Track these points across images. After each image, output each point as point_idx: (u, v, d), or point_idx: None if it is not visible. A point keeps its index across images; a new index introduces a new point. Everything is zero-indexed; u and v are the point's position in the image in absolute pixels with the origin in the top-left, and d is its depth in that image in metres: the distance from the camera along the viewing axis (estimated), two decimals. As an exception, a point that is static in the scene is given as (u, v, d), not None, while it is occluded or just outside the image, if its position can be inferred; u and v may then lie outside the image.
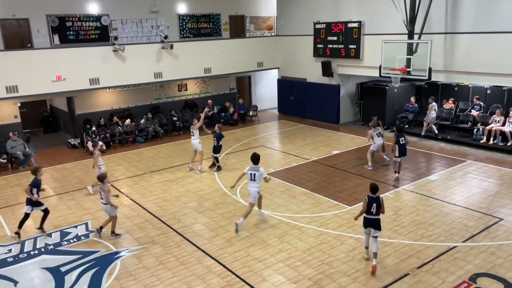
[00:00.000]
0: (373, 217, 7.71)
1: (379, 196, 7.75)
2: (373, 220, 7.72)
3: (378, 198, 7.71)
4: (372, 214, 7.69)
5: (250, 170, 9.28)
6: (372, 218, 7.72)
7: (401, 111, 17.77)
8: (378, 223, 7.73)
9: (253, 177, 9.25)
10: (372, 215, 7.70)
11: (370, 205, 7.66)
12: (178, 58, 17.67)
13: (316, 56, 19.11)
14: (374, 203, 7.65)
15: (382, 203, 7.73)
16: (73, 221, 10.27)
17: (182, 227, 9.72)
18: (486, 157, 13.83)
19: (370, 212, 7.69)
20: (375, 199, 7.68)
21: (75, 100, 17.18)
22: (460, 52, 14.22)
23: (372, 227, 7.74)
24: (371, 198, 7.70)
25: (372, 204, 7.65)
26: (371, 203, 7.66)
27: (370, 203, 7.66)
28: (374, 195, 7.71)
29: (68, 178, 13.38)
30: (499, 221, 9.39)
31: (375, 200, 7.68)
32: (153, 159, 15.07)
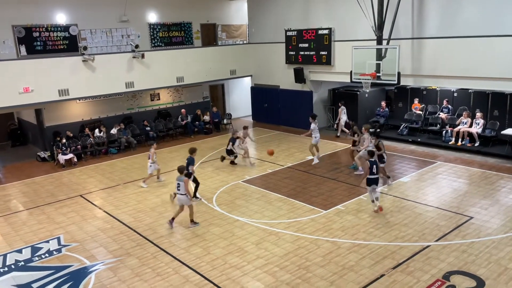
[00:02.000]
0: (375, 176, 10.08)
1: (375, 160, 10.22)
2: (375, 178, 10.12)
3: (376, 161, 10.18)
4: (374, 174, 10.04)
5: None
6: (374, 177, 10.08)
7: (372, 115, 18.14)
8: (378, 180, 10.30)
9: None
10: (374, 175, 10.05)
11: (371, 167, 9.97)
12: (149, 67, 17.52)
13: (288, 63, 19.32)
14: (374, 165, 10.01)
15: (378, 163, 10.31)
16: (44, 236, 9.96)
17: (158, 238, 9.57)
18: (455, 157, 14.25)
19: (372, 173, 10.01)
20: (374, 162, 10.07)
21: (44, 112, 16.74)
22: (427, 56, 14.66)
23: (375, 184, 10.15)
24: (371, 162, 10.06)
25: (373, 166, 9.99)
26: (372, 165, 9.99)
27: (371, 166, 9.98)
28: (372, 159, 10.11)
29: (38, 192, 12.99)
30: (469, 219, 9.67)
31: (374, 163, 10.06)
32: (127, 170, 14.82)
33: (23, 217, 11.18)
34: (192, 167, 11.39)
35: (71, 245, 9.44)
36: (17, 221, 10.95)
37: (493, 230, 9.08)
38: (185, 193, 9.77)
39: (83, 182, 13.68)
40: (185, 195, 9.80)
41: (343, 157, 14.97)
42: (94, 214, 11.11)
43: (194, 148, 11.76)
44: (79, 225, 10.45)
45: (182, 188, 9.74)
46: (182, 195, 9.82)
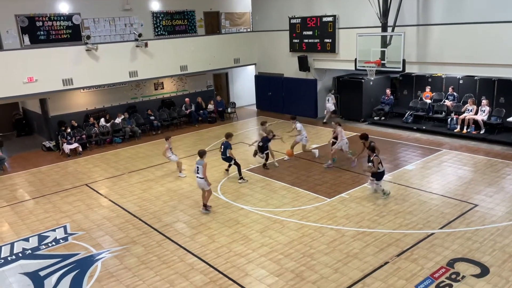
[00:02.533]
0: (382, 169, 10.31)
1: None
2: (382, 172, 10.39)
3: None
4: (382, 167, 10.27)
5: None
6: (382, 170, 10.33)
7: (377, 103, 18.04)
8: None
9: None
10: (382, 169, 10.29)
11: (380, 162, 10.11)
12: (153, 56, 17.46)
13: (292, 51, 19.19)
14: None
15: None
16: (51, 225, 10.06)
17: (163, 226, 9.64)
18: (460, 145, 14.18)
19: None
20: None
21: (49, 102, 16.78)
22: (433, 43, 14.51)
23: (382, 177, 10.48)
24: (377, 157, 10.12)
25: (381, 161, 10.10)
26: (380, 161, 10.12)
27: (380, 161, 10.14)
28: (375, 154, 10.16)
29: (44, 182, 13.08)
30: (474, 207, 9.65)
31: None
32: (131, 159, 14.88)
33: (29, 206, 11.29)
34: (230, 150, 11.88)
35: (77, 234, 9.53)
36: (24, 210, 11.05)
37: (498, 218, 9.07)
38: (204, 177, 9.89)
39: (88, 171, 13.76)
40: (203, 179, 9.93)
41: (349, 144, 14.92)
42: (100, 203, 11.19)
43: (230, 133, 12.28)
44: (85, 214, 10.54)
45: (201, 171, 9.90)
46: (201, 179, 9.98)
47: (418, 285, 6.99)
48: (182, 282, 7.48)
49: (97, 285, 7.55)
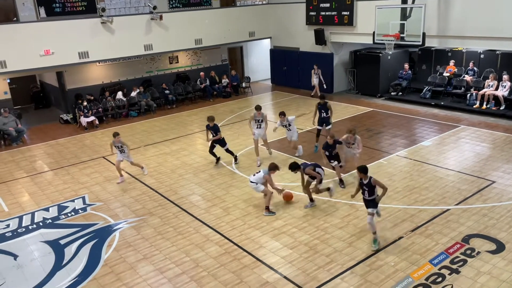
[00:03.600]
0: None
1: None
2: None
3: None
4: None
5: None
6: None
7: (394, 78, 17.71)
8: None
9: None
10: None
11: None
12: (168, 30, 17.34)
13: (308, 24, 18.82)
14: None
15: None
16: (70, 196, 10.30)
17: (179, 199, 9.78)
18: (479, 121, 13.91)
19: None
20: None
21: (65, 75, 16.90)
22: (455, 16, 14.04)
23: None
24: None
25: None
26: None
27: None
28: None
29: (62, 154, 13.32)
30: (491, 183, 9.53)
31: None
32: (147, 132, 15.00)
33: (48, 177, 11.54)
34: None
35: (95, 204, 9.75)
36: (43, 181, 11.32)
37: (515, 195, 8.96)
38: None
39: (105, 144, 13.93)
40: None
41: (363, 120, 14.79)
42: (117, 175, 11.33)
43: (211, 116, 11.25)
44: (102, 186, 10.74)
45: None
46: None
47: (432, 259, 7.00)
48: (198, 252, 7.64)
49: (115, 254, 7.76)
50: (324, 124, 11.85)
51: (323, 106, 11.65)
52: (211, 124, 11.13)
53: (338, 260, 7.18)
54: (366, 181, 7.38)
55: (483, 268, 6.74)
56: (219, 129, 11.29)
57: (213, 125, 11.15)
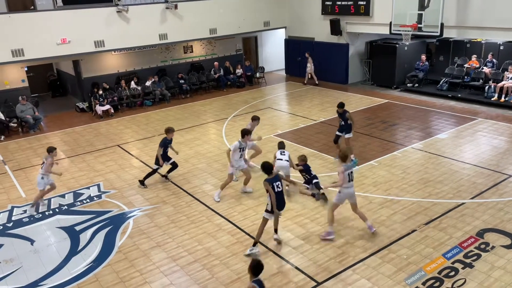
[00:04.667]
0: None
1: None
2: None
3: None
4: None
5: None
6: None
7: (411, 69, 17.44)
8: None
9: None
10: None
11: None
12: (182, 19, 17.32)
13: (324, 14, 18.61)
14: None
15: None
16: (85, 183, 10.46)
17: (192, 188, 9.85)
18: (497, 114, 13.64)
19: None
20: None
21: (81, 64, 17.07)
22: (474, 6, 13.72)
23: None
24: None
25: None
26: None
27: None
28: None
29: (78, 141, 13.51)
30: (508, 177, 9.38)
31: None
32: (161, 122, 15.09)
33: (64, 164, 11.72)
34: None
35: (110, 192, 9.88)
36: (60, 168, 11.43)
37: (533, 190, 8.80)
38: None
39: (120, 133, 14.08)
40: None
41: (378, 111, 14.63)
42: (131, 163, 11.50)
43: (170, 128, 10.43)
44: (117, 174, 10.88)
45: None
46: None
47: (446, 253, 6.95)
48: (210, 241, 7.71)
49: (129, 240, 7.88)
50: (343, 132, 10.85)
51: (341, 115, 10.72)
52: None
53: (350, 252, 7.17)
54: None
55: (497, 263, 6.66)
56: None
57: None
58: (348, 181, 7.32)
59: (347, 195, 7.49)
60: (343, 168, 7.27)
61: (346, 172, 7.26)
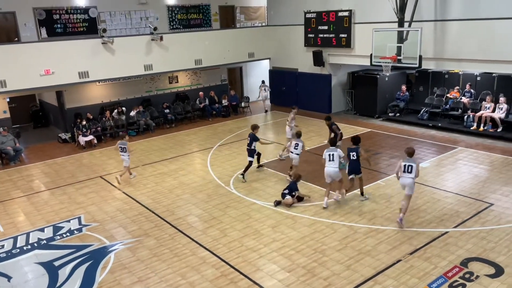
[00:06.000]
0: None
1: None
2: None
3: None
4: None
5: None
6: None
7: (392, 99, 17.83)
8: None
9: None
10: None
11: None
12: (168, 50, 17.52)
13: (307, 46, 19.06)
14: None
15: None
16: (65, 216, 10.22)
17: (175, 219, 9.71)
18: (476, 143, 13.94)
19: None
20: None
21: (65, 94, 17.00)
22: (450, 39, 14.25)
23: None
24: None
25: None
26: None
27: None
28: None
29: (59, 173, 13.28)
30: (489, 206, 9.50)
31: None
32: (146, 152, 15.00)
33: (45, 196, 11.48)
34: (255, 143, 11.88)
35: (91, 225, 9.67)
36: (40, 200, 11.25)
37: (514, 218, 8.92)
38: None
39: (103, 164, 13.92)
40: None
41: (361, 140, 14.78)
42: (114, 195, 11.32)
43: (255, 124, 12.27)
44: (99, 206, 10.68)
45: (413, 171, 8.57)
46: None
47: (431, 284, 6.92)
48: (194, 275, 7.54)
49: (110, 276, 7.66)
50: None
51: (329, 127, 12.37)
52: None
53: (336, 284, 7.08)
54: None
55: (482, 292, 6.66)
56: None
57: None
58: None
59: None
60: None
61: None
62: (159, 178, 12.35)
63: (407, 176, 8.60)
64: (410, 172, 8.57)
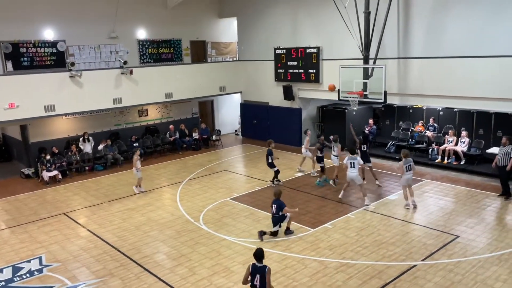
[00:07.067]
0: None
1: (264, 266, 6.53)
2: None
3: (264, 268, 6.50)
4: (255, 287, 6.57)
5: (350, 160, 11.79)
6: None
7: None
8: None
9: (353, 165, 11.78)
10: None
11: (253, 275, 6.54)
12: (138, 84, 17.45)
13: (277, 81, 19.44)
14: (257, 274, 6.50)
15: (268, 274, 6.47)
16: (26, 256, 9.72)
17: (142, 258, 9.39)
18: (441, 176, 14.34)
19: (253, 285, 6.57)
20: (259, 269, 6.49)
21: (29, 128, 16.52)
22: (413, 75, 14.87)
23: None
24: (254, 268, 6.53)
25: (255, 275, 6.51)
26: (254, 273, 6.52)
27: (253, 274, 6.54)
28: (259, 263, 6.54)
29: (21, 210, 12.71)
30: (455, 238, 9.68)
31: (258, 270, 6.50)
32: (113, 187, 14.62)
33: (4, 235, 10.91)
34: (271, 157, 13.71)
35: (52, 265, 9.21)
36: (-2, 240, 10.68)
37: (479, 249, 9.10)
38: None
39: (67, 200, 13.44)
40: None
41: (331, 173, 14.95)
42: (78, 233, 10.89)
43: (270, 140, 14.12)
44: (61, 245, 10.22)
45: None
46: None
47: (401, 319, 6.88)
48: (160, 317, 7.24)
49: (70, 320, 7.25)
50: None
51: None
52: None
53: (307, 322, 6.94)
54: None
55: (451, 327, 6.66)
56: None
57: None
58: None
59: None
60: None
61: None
62: (126, 214, 12.00)
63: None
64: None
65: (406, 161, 11.45)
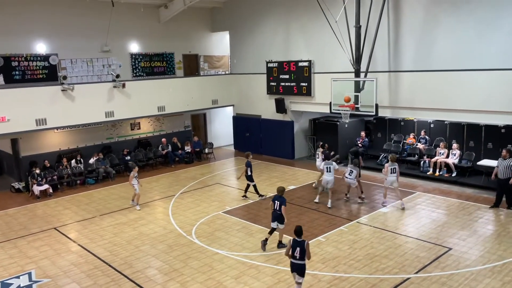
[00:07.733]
0: (297, 261, 7.55)
1: (304, 240, 7.54)
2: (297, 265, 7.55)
3: (303, 242, 7.50)
4: (296, 258, 7.52)
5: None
6: (296, 262, 7.58)
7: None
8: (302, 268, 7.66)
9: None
10: (296, 260, 7.53)
11: (294, 248, 7.51)
12: (130, 97, 17.44)
13: (269, 94, 19.54)
14: (298, 247, 7.48)
15: (307, 248, 7.47)
16: (15, 271, 9.55)
17: (133, 273, 9.27)
18: (433, 188, 14.41)
19: (294, 256, 7.53)
20: (299, 243, 7.49)
21: (20, 142, 16.37)
22: (404, 89, 15.03)
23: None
24: (295, 242, 7.53)
25: (296, 248, 7.49)
26: (295, 246, 7.50)
27: (294, 247, 7.51)
28: (299, 238, 7.52)
29: (10, 225, 12.53)
30: (448, 250, 9.70)
31: (299, 244, 7.49)
32: (104, 201, 14.49)
33: (-7, 251, 10.73)
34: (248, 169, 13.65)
35: (42, 281, 9.06)
36: (-14, 255, 10.50)
37: (471, 262, 9.11)
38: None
39: (58, 214, 13.29)
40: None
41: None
42: (68, 248, 10.75)
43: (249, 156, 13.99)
44: (52, 260, 10.07)
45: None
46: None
47: (395, 333, 6.84)
48: (152, 333, 7.12)
49: (60, 338, 7.11)
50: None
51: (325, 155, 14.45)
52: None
53: (300, 337, 6.87)
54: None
55: None
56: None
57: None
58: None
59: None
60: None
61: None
62: (117, 229, 11.88)
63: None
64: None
65: (392, 164, 12.60)
